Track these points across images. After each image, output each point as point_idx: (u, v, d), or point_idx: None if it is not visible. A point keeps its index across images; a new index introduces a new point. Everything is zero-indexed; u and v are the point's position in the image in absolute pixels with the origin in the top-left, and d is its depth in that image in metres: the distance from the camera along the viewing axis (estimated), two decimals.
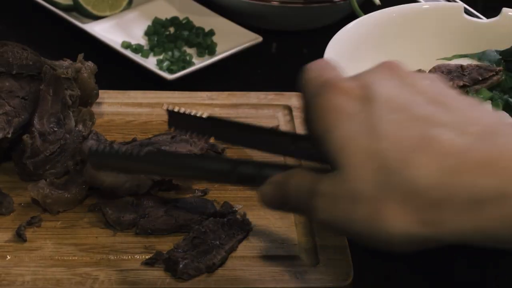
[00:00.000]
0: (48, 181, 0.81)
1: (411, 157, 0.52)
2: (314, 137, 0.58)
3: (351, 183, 0.54)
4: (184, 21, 1.15)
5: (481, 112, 0.55)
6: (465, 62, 0.87)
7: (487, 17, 0.95)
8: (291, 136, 0.69)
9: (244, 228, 0.80)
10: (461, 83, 0.82)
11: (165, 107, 0.74)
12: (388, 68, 0.58)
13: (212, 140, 0.90)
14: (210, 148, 0.89)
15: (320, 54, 0.84)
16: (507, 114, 0.82)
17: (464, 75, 0.84)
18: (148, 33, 1.14)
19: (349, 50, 0.89)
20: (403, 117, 0.54)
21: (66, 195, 0.81)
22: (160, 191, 0.84)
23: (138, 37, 1.13)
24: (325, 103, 0.57)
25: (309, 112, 0.59)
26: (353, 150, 0.54)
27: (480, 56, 0.89)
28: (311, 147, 0.62)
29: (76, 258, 0.77)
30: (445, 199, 0.51)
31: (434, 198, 0.51)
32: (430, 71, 0.84)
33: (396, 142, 0.53)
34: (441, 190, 0.51)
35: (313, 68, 0.61)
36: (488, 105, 0.61)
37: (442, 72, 0.84)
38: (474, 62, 0.88)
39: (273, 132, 0.72)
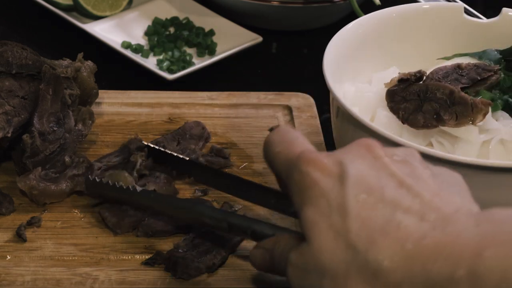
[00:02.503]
0: (43, 172, 0.81)
1: (376, 240, 0.56)
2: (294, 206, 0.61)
3: (319, 259, 0.58)
4: (184, 21, 1.15)
5: (443, 198, 0.58)
6: (465, 61, 0.87)
7: (487, 17, 0.95)
8: (270, 192, 0.74)
9: None
10: (459, 87, 0.81)
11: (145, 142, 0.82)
12: (364, 147, 0.61)
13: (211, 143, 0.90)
14: (216, 153, 0.89)
15: (320, 54, 0.84)
16: (507, 114, 0.82)
17: (462, 75, 0.84)
18: (148, 33, 1.14)
19: (349, 50, 0.88)
20: (372, 199, 0.58)
21: (52, 188, 0.81)
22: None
23: (138, 37, 1.13)
24: (303, 177, 0.60)
25: (288, 184, 0.62)
26: (323, 227, 0.58)
27: (480, 55, 0.89)
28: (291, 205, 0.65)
29: (76, 258, 0.77)
30: (404, 282, 0.55)
31: (395, 280, 0.55)
32: (427, 77, 0.84)
33: (363, 223, 0.57)
34: (401, 273, 0.55)
35: (278, 140, 0.65)
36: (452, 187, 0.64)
37: (439, 78, 0.83)
38: (474, 61, 0.88)
39: (253, 185, 0.77)
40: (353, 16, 1.00)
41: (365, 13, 0.96)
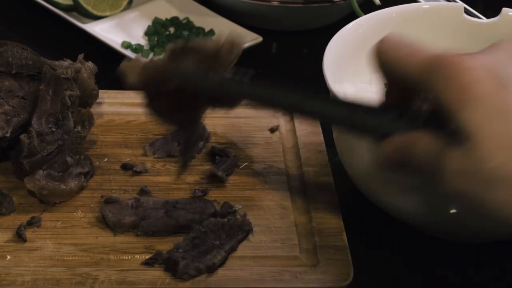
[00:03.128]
0: (45, 172, 0.81)
1: None
2: (441, 109, 0.57)
3: (488, 165, 0.54)
4: (184, 21, 1.15)
5: None
6: None
7: (487, 17, 0.95)
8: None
9: (244, 228, 0.80)
10: None
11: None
12: (508, 50, 0.59)
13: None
14: (218, 153, 0.89)
15: (320, 54, 0.84)
16: None
17: None
18: (148, 33, 1.14)
19: (349, 50, 0.88)
20: None
21: (62, 187, 0.81)
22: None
23: (138, 37, 1.13)
24: (457, 79, 0.56)
25: (429, 87, 0.58)
26: (491, 132, 0.55)
27: None
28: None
29: (76, 258, 0.77)
30: None
31: None
32: None
33: None
34: None
35: (400, 44, 0.62)
36: None
37: None
38: None
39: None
40: (353, 16, 1.00)
41: (365, 13, 0.96)
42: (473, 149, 0.55)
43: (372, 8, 1.01)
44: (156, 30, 1.14)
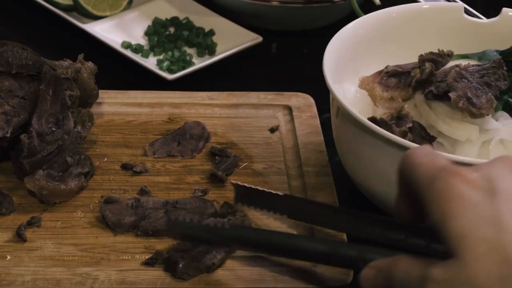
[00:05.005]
0: (45, 172, 0.82)
1: None
2: (431, 221, 0.58)
3: (472, 273, 0.55)
4: (184, 21, 1.15)
5: None
6: (465, 62, 0.87)
7: (487, 17, 0.95)
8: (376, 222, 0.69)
9: None
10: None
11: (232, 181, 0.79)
12: (508, 163, 0.60)
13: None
14: (217, 153, 0.89)
15: (320, 54, 0.84)
16: (507, 114, 0.82)
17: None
18: (148, 33, 1.14)
19: (349, 50, 0.88)
20: None
21: (62, 187, 0.82)
22: None
23: (138, 37, 1.13)
24: (448, 189, 0.58)
25: (425, 195, 0.59)
26: (475, 239, 0.55)
27: (480, 56, 0.89)
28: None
29: (76, 258, 0.77)
30: None
31: None
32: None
33: None
34: None
35: (423, 153, 0.62)
36: None
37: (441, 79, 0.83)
38: (473, 62, 0.88)
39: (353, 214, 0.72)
40: (353, 16, 1.00)
41: (365, 13, 0.96)
42: (456, 261, 0.56)
43: (372, 8, 1.01)
44: (156, 30, 1.14)
